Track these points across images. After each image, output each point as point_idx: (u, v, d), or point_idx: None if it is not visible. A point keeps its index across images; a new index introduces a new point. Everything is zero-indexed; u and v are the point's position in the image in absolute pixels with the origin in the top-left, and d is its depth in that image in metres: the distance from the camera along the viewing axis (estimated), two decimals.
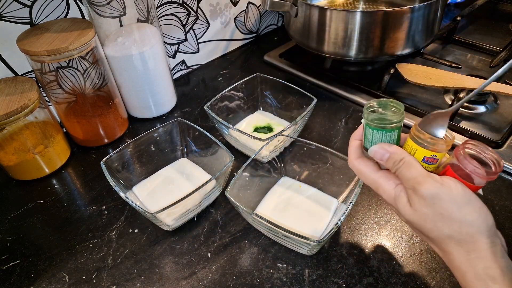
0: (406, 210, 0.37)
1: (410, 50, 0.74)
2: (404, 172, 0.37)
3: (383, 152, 0.39)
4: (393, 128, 0.39)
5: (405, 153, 0.38)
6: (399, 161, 0.38)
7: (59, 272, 0.49)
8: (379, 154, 0.39)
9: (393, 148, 0.39)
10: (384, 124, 0.39)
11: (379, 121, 0.39)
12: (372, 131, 0.40)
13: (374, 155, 0.40)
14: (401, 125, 0.39)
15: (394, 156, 0.38)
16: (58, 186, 0.61)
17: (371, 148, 0.40)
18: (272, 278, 0.47)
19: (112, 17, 0.62)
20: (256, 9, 0.96)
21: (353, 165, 0.42)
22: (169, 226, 0.52)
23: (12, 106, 0.54)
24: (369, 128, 0.39)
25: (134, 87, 0.69)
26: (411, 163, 0.37)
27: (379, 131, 0.39)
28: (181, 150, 0.63)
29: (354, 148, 0.42)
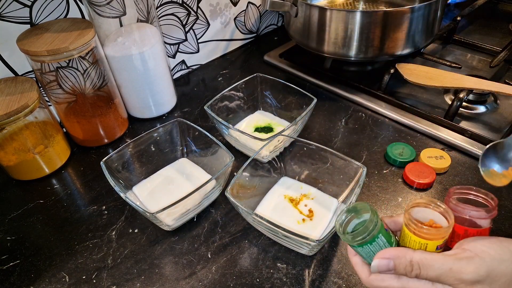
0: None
1: (410, 50, 0.74)
2: (428, 274, 0.32)
3: (386, 262, 0.34)
4: (375, 235, 0.34)
5: (409, 252, 0.33)
6: (410, 265, 0.33)
7: (59, 272, 0.49)
8: (384, 267, 0.34)
9: (391, 252, 0.34)
10: (364, 238, 0.34)
11: (358, 239, 0.35)
12: (363, 248, 0.36)
13: (379, 270, 0.34)
14: (380, 224, 0.35)
15: (400, 262, 0.33)
16: (58, 186, 0.61)
17: (372, 265, 0.35)
18: (272, 278, 0.47)
19: (112, 17, 0.62)
20: (256, 9, 0.96)
21: (372, 284, 0.36)
22: (169, 226, 0.52)
23: (12, 106, 0.54)
24: (359, 248, 0.36)
25: (134, 87, 0.69)
26: (426, 260, 0.32)
27: (366, 246, 0.35)
28: (181, 150, 0.63)
29: (360, 267, 0.37)
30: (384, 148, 0.63)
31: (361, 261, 0.37)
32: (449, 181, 0.57)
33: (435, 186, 0.57)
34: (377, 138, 0.66)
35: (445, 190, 0.56)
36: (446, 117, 0.66)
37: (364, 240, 0.34)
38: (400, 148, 0.61)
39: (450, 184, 0.57)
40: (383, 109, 0.71)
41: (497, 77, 0.77)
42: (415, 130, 0.67)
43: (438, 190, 0.56)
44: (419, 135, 0.66)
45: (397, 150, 0.61)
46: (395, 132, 0.67)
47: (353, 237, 0.35)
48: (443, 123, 0.66)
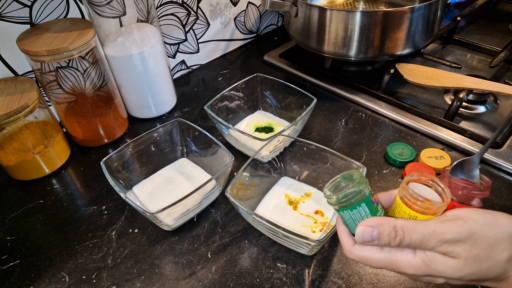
0: (453, 265, 0.31)
1: (410, 50, 0.74)
2: (411, 237, 0.32)
3: (370, 230, 0.33)
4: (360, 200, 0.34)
5: (392, 220, 0.33)
6: (393, 231, 0.32)
7: (59, 272, 0.49)
8: (368, 235, 0.33)
9: (375, 220, 0.33)
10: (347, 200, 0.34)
11: (342, 200, 0.34)
12: (344, 213, 0.35)
13: (363, 238, 0.33)
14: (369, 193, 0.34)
15: (384, 229, 0.32)
16: (58, 186, 0.61)
17: (356, 232, 0.34)
18: (272, 278, 0.47)
19: (112, 17, 0.62)
20: (256, 9, 0.96)
21: (353, 254, 0.35)
22: (169, 226, 0.52)
23: (12, 106, 0.54)
24: (341, 212, 0.35)
25: (134, 87, 0.69)
26: (409, 225, 0.32)
27: (349, 211, 0.35)
28: (181, 150, 0.63)
29: (346, 236, 0.36)
30: (384, 148, 0.63)
31: (347, 232, 0.36)
32: None
33: None
34: (377, 138, 0.66)
35: None
36: (446, 117, 0.66)
37: (348, 203, 0.34)
38: (400, 148, 0.61)
39: None
40: (383, 109, 0.71)
41: (497, 77, 0.77)
42: (415, 130, 0.67)
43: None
44: (419, 135, 0.66)
45: (397, 150, 0.61)
46: (395, 132, 0.67)
47: (337, 197, 0.34)
48: (443, 123, 0.66)
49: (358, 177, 0.35)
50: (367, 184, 0.35)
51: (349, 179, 0.36)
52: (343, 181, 0.36)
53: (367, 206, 0.34)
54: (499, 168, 0.59)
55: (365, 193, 0.34)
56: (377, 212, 0.35)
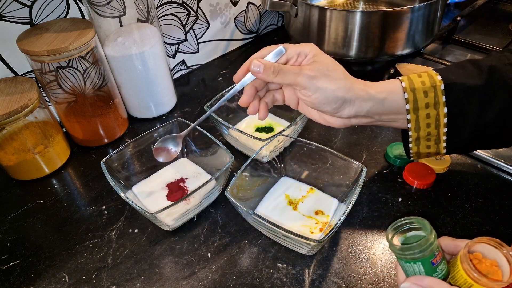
0: None
1: (410, 50, 0.74)
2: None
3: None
4: (424, 257, 0.33)
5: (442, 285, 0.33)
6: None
7: (59, 272, 0.49)
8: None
9: (426, 282, 0.33)
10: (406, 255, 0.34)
11: (404, 253, 0.34)
12: (402, 263, 0.35)
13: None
14: (434, 247, 0.34)
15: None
16: (58, 186, 0.61)
17: (402, 286, 0.34)
18: (272, 278, 0.47)
19: (112, 17, 0.62)
20: (256, 9, 0.96)
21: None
22: (169, 226, 0.52)
23: (12, 106, 0.54)
24: (398, 259, 0.35)
25: (134, 87, 0.69)
26: None
27: (408, 263, 0.34)
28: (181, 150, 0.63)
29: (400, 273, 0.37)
30: (384, 148, 0.63)
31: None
32: (448, 181, 0.57)
33: (435, 186, 0.57)
34: (377, 138, 0.66)
35: (445, 190, 0.56)
36: None
37: (405, 258, 0.34)
38: (400, 148, 0.61)
39: (450, 184, 0.57)
40: None
41: None
42: None
43: (437, 191, 0.56)
44: None
45: (397, 150, 0.61)
46: (395, 132, 0.67)
47: (395, 248, 0.34)
48: None
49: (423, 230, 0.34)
50: (432, 244, 0.33)
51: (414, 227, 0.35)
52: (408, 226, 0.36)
53: (423, 266, 0.34)
54: (499, 168, 0.59)
55: (425, 254, 0.33)
56: (434, 273, 0.34)
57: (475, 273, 0.32)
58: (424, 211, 0.54)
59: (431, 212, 0.53)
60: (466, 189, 0.56)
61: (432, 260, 0.34)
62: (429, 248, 0.33)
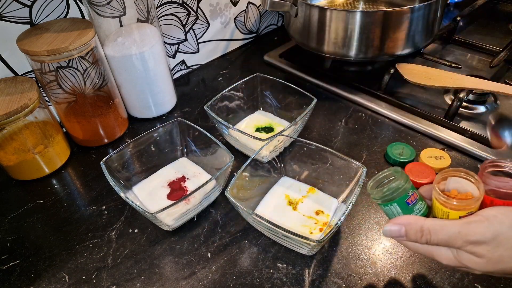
0: (479, 263, 0.33)
1: (410, 50, 0.74)
2: (438, 237, 0.34)
3: (398, 228, 0.36)
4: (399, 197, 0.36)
5: (420, 220, 0.35)
6: (420, 231, 0.34)
7: (59, 272, 0.49)
8: (395, 232, 0.36)
9: (403, 219, 0.36)
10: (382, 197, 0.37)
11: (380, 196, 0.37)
12: (382, 208, 0.38)
13: (390, 234, 0.36)
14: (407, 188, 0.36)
15: (411, 228, 0.35)
16: (58, 186, 0.61)
17: (384, 229, 0.37)
18: (272, 278, 0.47)
19: (112, 17, 0.62)
20: (256, 9, 0.96)
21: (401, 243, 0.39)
22: (169, 226, 0.52)
23: (12, 106, 0.54)
24: (380, 206, 0.38)
25: (134, 87, 0.69)
26: (436, 225, 0.34)
27: (386, 206, 0.37)
28: (181, 150, 0.63)
29: None
30: (384, 148, 0.63)
31: None
32: None
33: None
34: (377, 138, 0.66)
35: None
36: (446, 117, 0.66)
37: (383, 200, 0.37)
38: (400, 148, 0.61)
39: None
40: (383, 109, 0.71)
41: (497, 77, 0.77)
42: (415, 130, 0.67)
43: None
44: (419, 135, 0.66)
45: (397, 150, 0.61)
46: (395, 132, 0.67)
47: (373, 193, 0.38)
48: (443, 123, 0.66)
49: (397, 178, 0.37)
50: (403, 186, 0.36)
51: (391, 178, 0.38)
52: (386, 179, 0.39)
53: (398, 206, 0.37)
54: None
55: (399, 194, 0.36)
56: (411, 212, 0.37)
57: (442, 197, 0.35)
58: None
59: None
60: None
61: (406, 200, 0.37)
62: (401, 188, 0.36)
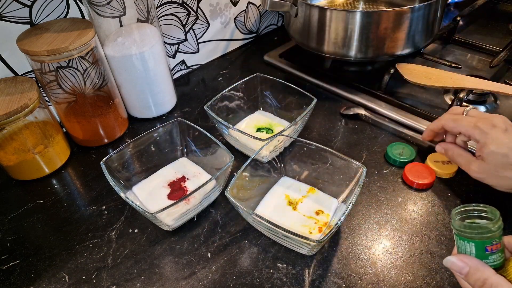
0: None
1: (410, 50, 0.74)
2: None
3: (462, 265, 0.35)
4: (481, 239, 0.34)
5: (488, 271, 0.34)
6: (482, 282, 0.34)
7: (59, 272, 0.49)
8: (457, 268, 0.36)
9: (473, 261, 0.35)
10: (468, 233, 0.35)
11: (463, 229, 0.35)
12: (457, 239, 0.36)
13: (451, 266, 0.36)
14: (494, 236, 0.34)
15: (475, 273, 0.34)
16: (58, 186, 0.61)
17: (448, 258, 0.36)
18: (272, 278, 0.47)
19: (112, 17, 0.62)
20: (256, 9, 0.96)
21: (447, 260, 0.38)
22: (169, 226, 0.52)
23: (12, 106, 0.54)
24: (455, 235, 0.37)
25: (134, 87, 0.69)
26: (501, 284, 0.33)
27: (461, 240, 0.36)
28: (181, 150, 0.63)
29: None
30: (384, 148, 0.63)
31: None
32: (449, 181, 0.57)
33: (435, 186, 0.57)
34: (377, 138, 0.66)
35: (445, 190, 0.56)
36: None
37: (469, 236, 0.35)
38: (400, 148, 0.61)
39: (450, 185, 0.57)
40: (383, 109, 0.71)
41: (497, 77, 0.77)
42: (415, 130, 0.67)
43: (437, 191, 0.56)
44: (419, 135, 0.66)
45: (397, 150, 0.61)
46: (395, 132, 0.67)
47: (457, 224, 0.36)
48: None
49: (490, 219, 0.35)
50: (492, 232, 0.34)
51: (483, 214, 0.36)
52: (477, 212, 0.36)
53: (475, 247, 0.35)
54: None
55: (482, 237, 0.34)
56: (484, 259, 0.35)
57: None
58: (424, 211, 0.54)
59: (431, 212, 0.53)
60: (466, 189, 0.56)
61: (487, 246, 0.34)
62: (489, 234, 0.34)
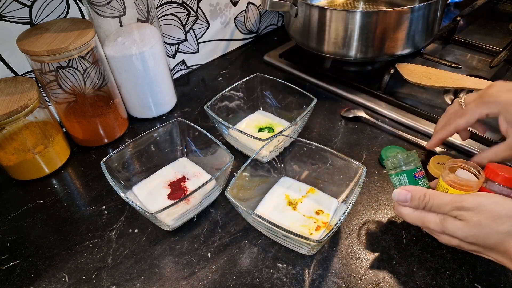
0: (458, 226, 0.39)
1: (410, 50, 0.74)
2: (435, 202, 0.41)
3: (405, 193, 0.43)
4: (406, 170, 0.45)
5: (423, 188, 0.42)
6: (423, 196, 0.41)
7: (59, 272, 0.49)
8: (402, 196, 0.43)
9: (411, 187, 0.43)
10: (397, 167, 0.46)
11: (392, 166, 0.46)
12: (391, 178, 0.47)
13: (397, 198, 0.44)
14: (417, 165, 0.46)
15: (416, 194, 0.42)
16: (58, 186, 0.61)
17: (393, 193, 0.44)
18: (272, 278, 0.47)
19: (112, 17, 0.62)
20: (256, 9, 0.96)
21: (396, 209, 0.46)
22: (169, 226, 0.52)
23: (12, 106, 0.54)
24: (391, 177, 0.47)
25: (134, 87, 0.69)
26: (436, 193, 0.41)
27: (396, 176, 0.46)
28: (181, 150, 0.63)
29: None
30: None
31: None
32: None
33: None
34: (377, 138, 0.66)
35: None
36: None
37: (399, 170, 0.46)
38: (395, 151, 0.60)
39: None
40: (383, 109, 0.71)
41: (497, 77, 0.77)
42: (415, 130, 0.67)
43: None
44: (419, 135, 0.66)
45: (391, 153, 0.60)
46: (395, 132, 0.67)
47: (387, 163, 0.47)
48: None
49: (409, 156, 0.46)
50: (414, 163, 0.46)
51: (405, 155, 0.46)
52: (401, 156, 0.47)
53: (407, 177, 0.46)
54: None
55: (408, 167, 0.46)
56: (417, 184, 0.45)
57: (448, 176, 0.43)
58: None
59: None
60: None
61: (414, 173, 0.46)
62: (412, 163, 0.46)
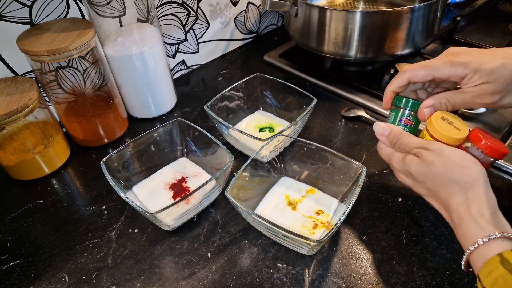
0: (414, 161, 0.43)
1: (410, 50, 0.74)
2: (406, 140, 0.45)
3: (384, 127, 0.48)
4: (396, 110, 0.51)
5: (401, 130, 0.47)
6: (399, 134, 0.46)
7: (59, 272, 0.49)
8: (380, 129, 0.48)
9: (393, 126, 0.48)
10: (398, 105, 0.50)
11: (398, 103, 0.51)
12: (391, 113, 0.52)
13: (376, 130, 0.49)
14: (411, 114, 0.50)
15: (394, 130, 0.47)
16: (58, 186, 0.61)
17: (374, 124, 0.50)
18: (272, 278, 0.47)
19: (112, 17, 0.62)
20: (256, 9, 0.96)
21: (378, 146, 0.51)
22: (169, 226, 0.52)
23: (12, 106, 0.54)
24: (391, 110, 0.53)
25: (134, 87, 0.69)
26: (411, 135, 0.46)
27: (393, 112, 0.51)
28: (181, 150, 0.63)
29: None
30: None
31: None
32: None
33: None
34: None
35: None
36: None
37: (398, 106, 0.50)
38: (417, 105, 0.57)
39: None
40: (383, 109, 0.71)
41: None
42: None
43: None
44: None
45: None
46: None
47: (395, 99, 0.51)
48: None
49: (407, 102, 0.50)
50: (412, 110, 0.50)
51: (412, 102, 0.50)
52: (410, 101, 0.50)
53: (394, 116, 0.51)
54: (499, 168, 0.59)
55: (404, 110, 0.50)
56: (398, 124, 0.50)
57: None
58: (425, 210, 0.54)
59: (432, 211, 0.53)
60: None
61: (403, 118, 0.50)
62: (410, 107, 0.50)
